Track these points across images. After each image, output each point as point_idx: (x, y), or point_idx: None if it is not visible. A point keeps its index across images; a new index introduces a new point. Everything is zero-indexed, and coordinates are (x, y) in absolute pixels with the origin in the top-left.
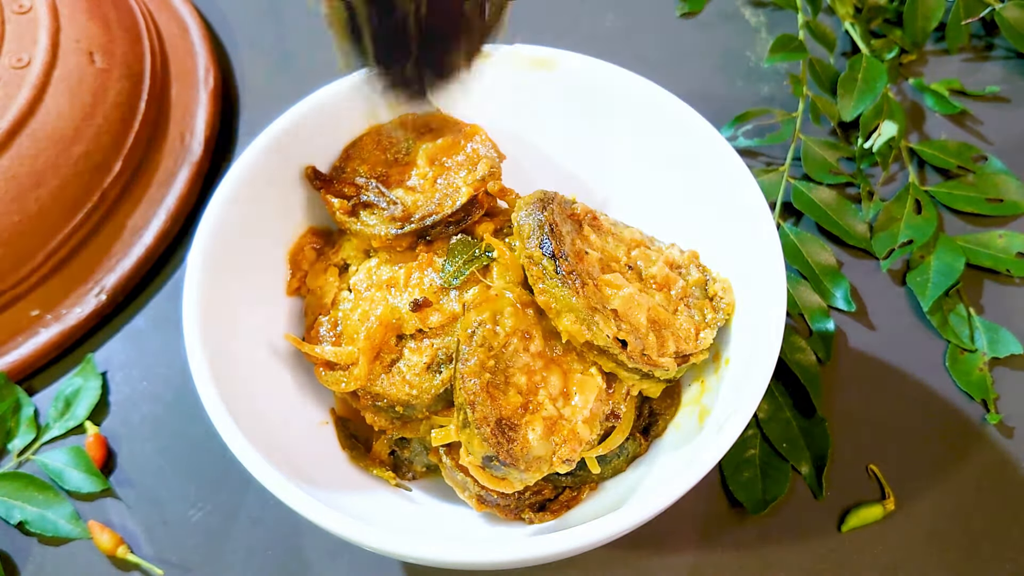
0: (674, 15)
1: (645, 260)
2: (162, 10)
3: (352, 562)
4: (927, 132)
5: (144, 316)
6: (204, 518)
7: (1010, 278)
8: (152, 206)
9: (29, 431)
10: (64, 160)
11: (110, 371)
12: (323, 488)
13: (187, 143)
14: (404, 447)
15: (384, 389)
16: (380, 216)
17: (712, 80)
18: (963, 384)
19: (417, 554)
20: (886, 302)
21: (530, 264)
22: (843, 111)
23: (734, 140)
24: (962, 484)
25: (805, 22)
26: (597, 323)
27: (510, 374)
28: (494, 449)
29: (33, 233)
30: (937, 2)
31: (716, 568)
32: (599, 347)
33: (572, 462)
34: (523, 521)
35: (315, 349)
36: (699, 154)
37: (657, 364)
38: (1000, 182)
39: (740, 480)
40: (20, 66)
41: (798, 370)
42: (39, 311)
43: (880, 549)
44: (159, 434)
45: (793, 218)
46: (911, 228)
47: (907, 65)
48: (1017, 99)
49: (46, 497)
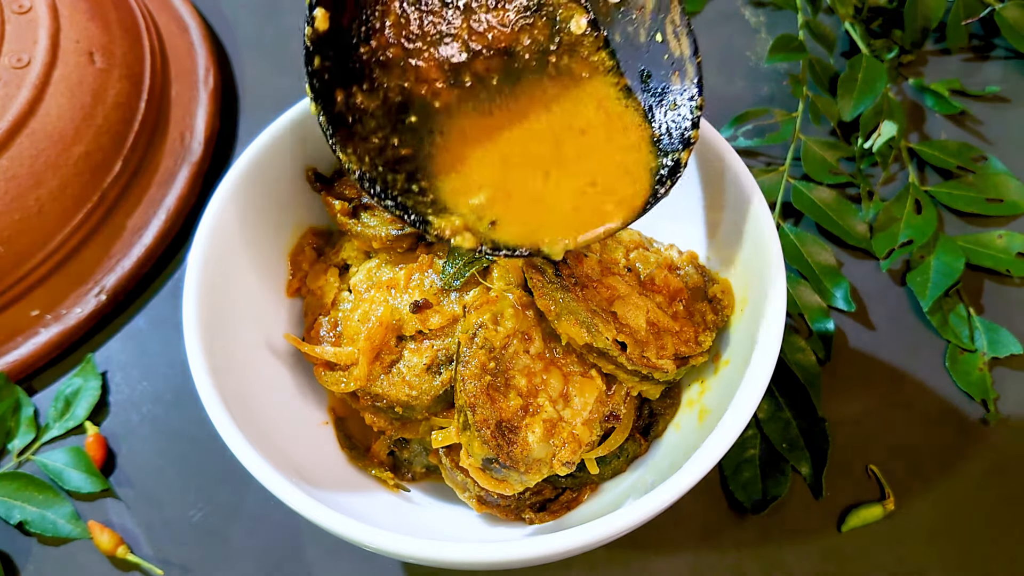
0: None
1: (644, 262)
2: (162, 10)
3: (352, 562)
4: (927, 132)
5: (144, 316)
6: (204, 518)
7: (1010, 278)
8: (152, 206)
9: (29, 431)
10: (64, 160)
11: (110, 371)
12: (323, 488)
13: (187, 143)
14: (403, 448)
15: (384, 390)
16: (380, 217)
17: (712, 80)
18: (963, 384)
19: (417, 554)
20: (886, 302)
21: (530, 267)
22: (843, 111)
23: (734, 140)
24: (962, 484)
25: (805, 22)
26: (596, 326)
27: (510, 376)
28: (494, 451)
29: (33, 233)
30: (937, 2)
31: (716, 568)
32: (599, 349)
33: (572, 464)
34: (523, 522)
35: (315, 349)
36: (699, 154)
37: (656, 366)
38: (1000, 182)
39: (740, 480)
40: (20, 66)
41: (798, 370)
42: (39, 311)
43: (880, 549)
44: (159, 434)
45: (793, 218)
46: (911, 228)
47: (907, 65)
48: (1017, 99)
49: (46, 497)
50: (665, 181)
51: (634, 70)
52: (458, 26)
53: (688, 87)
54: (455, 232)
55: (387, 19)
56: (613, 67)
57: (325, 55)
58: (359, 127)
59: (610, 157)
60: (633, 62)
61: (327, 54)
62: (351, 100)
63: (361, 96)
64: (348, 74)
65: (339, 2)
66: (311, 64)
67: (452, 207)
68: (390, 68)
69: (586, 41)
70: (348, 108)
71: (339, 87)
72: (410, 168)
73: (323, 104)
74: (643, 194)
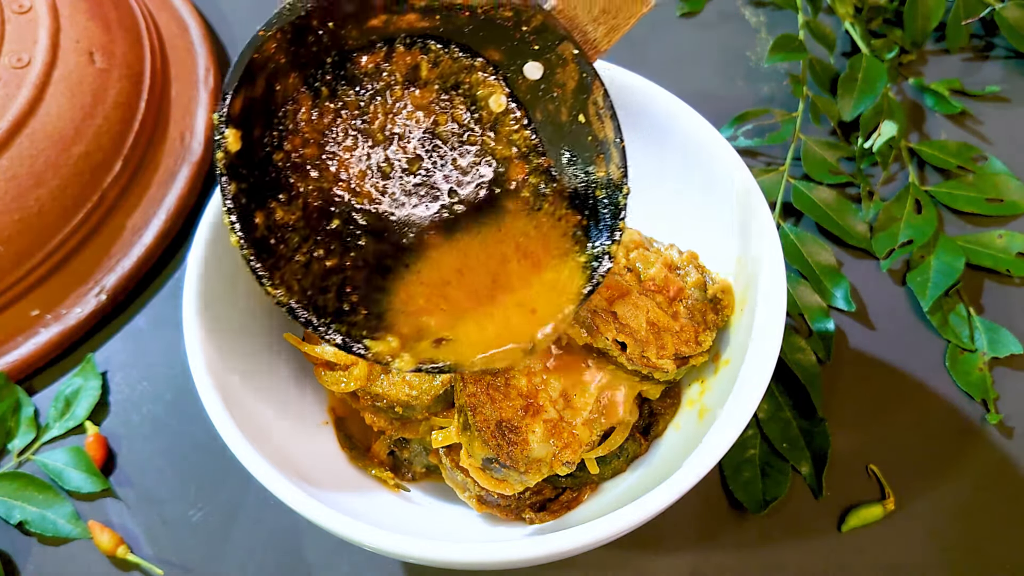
0: (674, 15)
1: (644, 262)
2: (162, 10)
3: (352, 562)
4: (927, 132)
5: (144, 316)
6: (204, 518)
7: (1010, 278)
8: (152, 206)
9: (29, 431)
10: (64, 160)
11: (110, 371)
12: (323, 488)
13: (187, 143)
14: (403, 448)
15: (384, 390)
16: None
17: (712, 80)
18: (963, 384)
19: (417, 554)
20: (886, 302)
21: None
22: (843, 111)
23: (734, 140)
24: (962, 484)
25: (805, 22)
26: (596, 326)
27: (510, 376)
28: (495, 451)
29: (33, 233)
30: (937, 2)
31: (716, 568)
32: (599, 349)
33: (572, 464)
34: (523, 521)
35: (315, 349)
36: (699, 154)
37: (656, 366)
38: (1000, 182)
39: (740, 480)
40: (20, 66)
41: (798, 370)
42: (39, 311)
43: (880, 549)
44: (159, 434)
45: (793, 218)
46: (911, 228)
47: (907, 65)
48: (1017, 99)
49: (46, 497)
50: (594, 276)
51: (557, 151)
52: (373, 112)
53: (613, 172)
54: (393, 354)
55: (299, 116)
56: (536, 146)
57: (240, 178)
58: (282, 247)
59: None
60: (556, 141)
61: (242, 175)
62: (271, 218)
63: (281, 210)
64: (265, 190)
65: (249, 115)
66: (227, 192)
67: (390, 321)
68: (306, 171)
69: (507, 120)
70: (269, 229)
71: (258, 208)
72: (337, 281)
73: (244, 232)
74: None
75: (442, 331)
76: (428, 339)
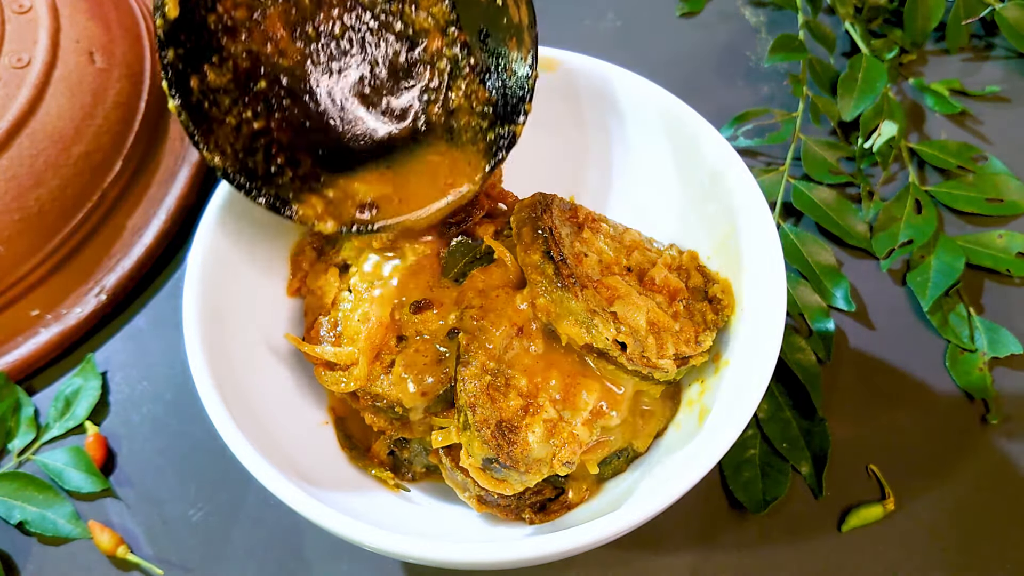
0: (674, 15)
1: (644, 262)
2: None
3: (352, 562)
4: (927, 132)
5: (144, 316)
6: (204, 518)
7: (1010, 278)
8: (152, 206)
9: (29, 431)
10: (64, 160)
11: (110, 371)
12: (323, 488)
13: (187, 143)
14: (403, 448)
15: (384, 390)
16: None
17: (712, 80)
18: (963, 384)
19: (417, 554)
20: (886, 302)
21: (530, 268)
22: (843, 111)
23: (734, 140)
24: (962, 484)
25: (805, 22)
26: (596, 326)
27: (510, 376)
28: (494, 451)
29: (33, 233)
30: (937, 2)
31: (716, 568)
32: (599, 350)
33: (572, 464)
34: (523, 522)
35: (315, 349)
36: (699, 154)
37: (656, 366)
38: (1000, 182)
39: (740, 480)
40: (20, 66)
41: (798, 370)
42: (39, 311)
43: (880, 549)
44: (159, 434)
45: (793, 218)
46: (911, 228)
47: (907, 65)
48: (1017, 99)
49: (46, 497)
50: (500, 152)
51: (473, 27)
52: None
53: (524, 56)
54: (318, 217)
55: None
56: (454, 20)
57: (178, 43)
58: (215, 110)
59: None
60: (473, 18)
61: (179, 41)
62: (205, 82)
63: (212, 73)
64: (199, 54)
65: None
66: (165, 58)
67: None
68: (236, 32)
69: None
70: (203, 93)
71: (193, 72)
72: (264, 143)
73: (181, 98)
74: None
75: (366, 195)
76: (352, 203)
